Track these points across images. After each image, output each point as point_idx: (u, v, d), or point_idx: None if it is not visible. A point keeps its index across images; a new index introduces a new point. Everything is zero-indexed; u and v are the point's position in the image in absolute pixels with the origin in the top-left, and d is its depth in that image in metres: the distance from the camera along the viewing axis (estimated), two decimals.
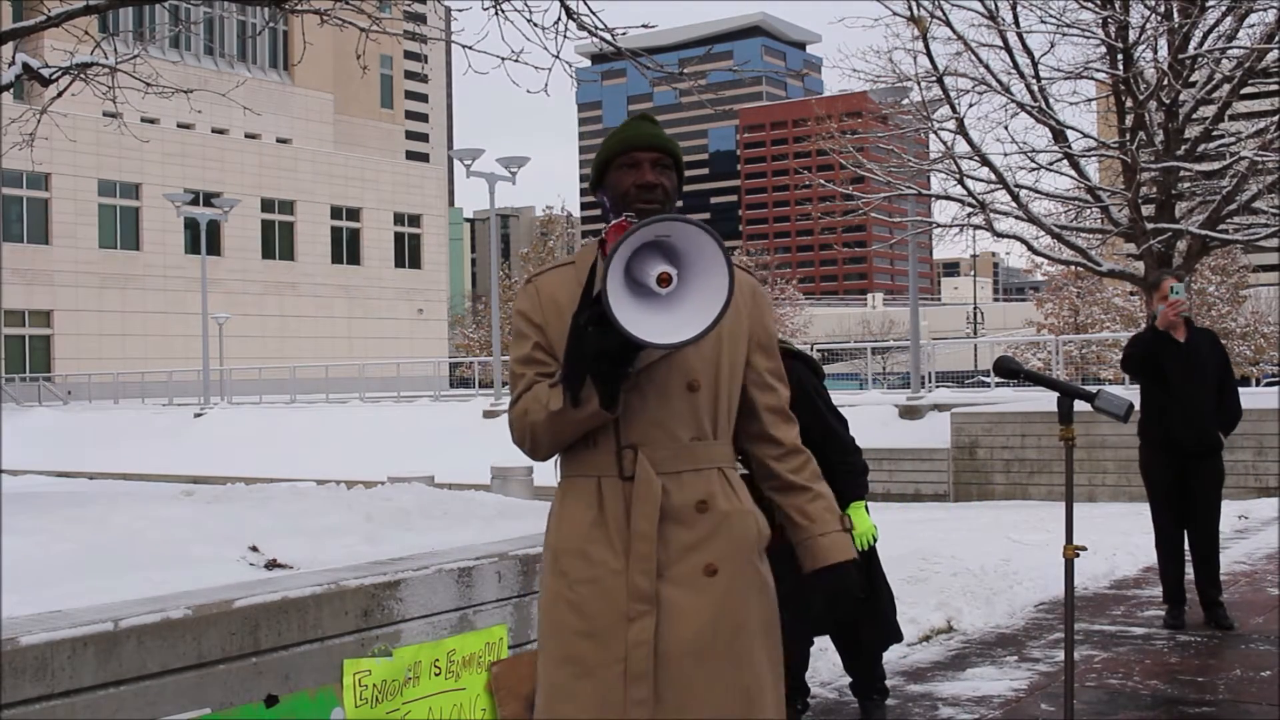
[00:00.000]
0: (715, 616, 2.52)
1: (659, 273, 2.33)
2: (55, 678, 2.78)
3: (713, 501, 2.57)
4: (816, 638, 4.90)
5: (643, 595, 2.49)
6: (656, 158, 2.64)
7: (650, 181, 2.62)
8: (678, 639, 2.49)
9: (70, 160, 46.39)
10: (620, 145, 2.66)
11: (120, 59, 9.68)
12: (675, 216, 2.36)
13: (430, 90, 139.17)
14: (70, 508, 4.59)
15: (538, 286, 2.68)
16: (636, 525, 2.52)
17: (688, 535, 2.54)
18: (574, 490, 2.61)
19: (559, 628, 2.56)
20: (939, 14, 16.59)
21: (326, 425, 31.39)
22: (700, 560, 2.54)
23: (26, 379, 47.05)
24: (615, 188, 2.65)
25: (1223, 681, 5.63)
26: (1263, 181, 16.55)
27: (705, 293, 2.37)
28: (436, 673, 3.67)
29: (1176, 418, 6.67)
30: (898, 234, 21.11)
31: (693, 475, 2.57)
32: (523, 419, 2.58)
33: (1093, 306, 48.63)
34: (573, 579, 2.55)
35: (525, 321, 2.65)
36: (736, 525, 2.60)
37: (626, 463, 2.54)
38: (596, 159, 2.71)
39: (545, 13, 7.57)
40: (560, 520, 2.62)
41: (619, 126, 2.73)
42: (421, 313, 60.41)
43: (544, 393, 2.55)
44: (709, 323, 2.35)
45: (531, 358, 2.63)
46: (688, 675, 2.49)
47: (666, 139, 2.67)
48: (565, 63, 7.91)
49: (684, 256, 2.37)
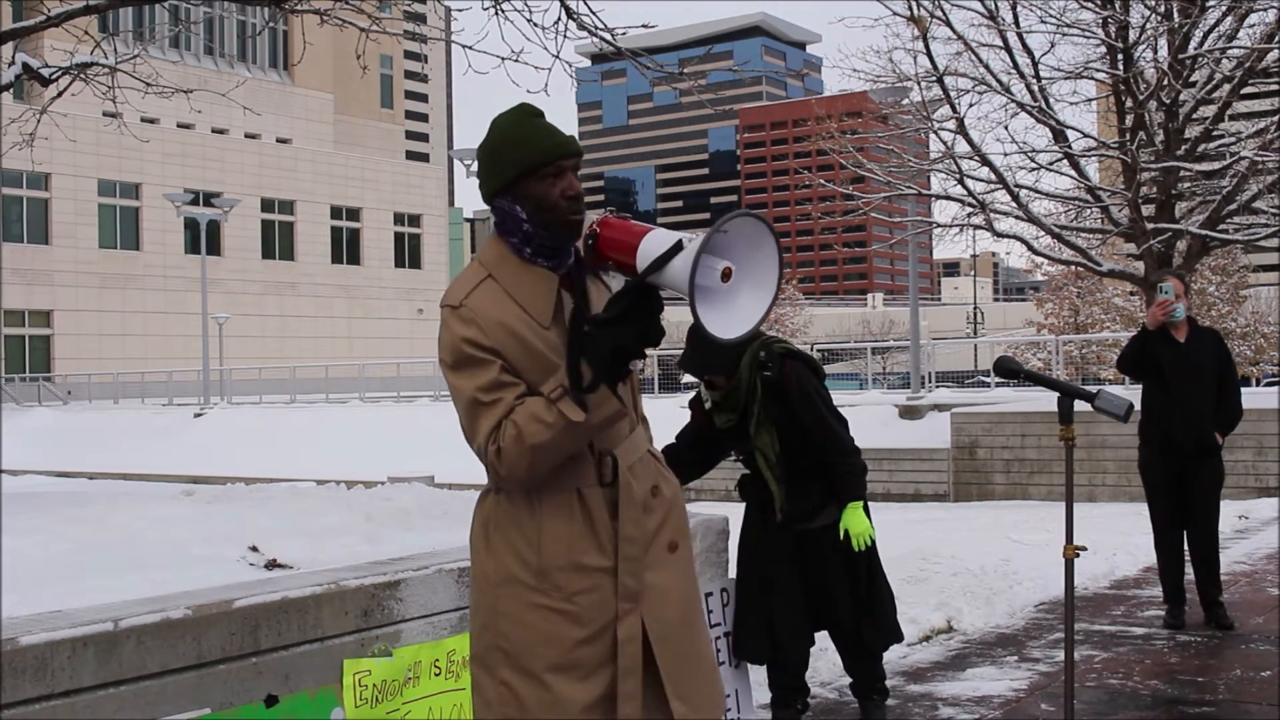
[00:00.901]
0: (685, 586, 2.69)
1: (723, 267, 2.33)
2: (55, 678, 2.78)
3: (661, 482, 2.69)
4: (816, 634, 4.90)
5: (630, 594, 2.57)
6: (576, 163, 2.57)
7: (579, 190, 2.55)
8: (669, 619, 2.61)
9: (70, 160, 46.40)
10: (545, 154, 2.52)
11: (120, 59, 9.69)
12: (745, 213, 2.35)
13: (430, 90, 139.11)
14: (70, 508, 4.59)
15: (473, 309, 2.52)
16: (625, 529, 2.57)
17: (650, 521, 2.63)
18: (550, 505, 2.55)
19: (555, 639, 2.53)
20: (939, 14, 16.59)
21: (326, 425, 31.38)
22: (664, 540, 2.65)
23: (26, 379, 47.05)
24: (539, 199, 2.52)
25: (1223, 681, 5.63)
26: (1263, 181, 16.55)
27: (757, 287, 2.39)
28: (436, 673, 3.67)
29: (1174, 418, 6.66)
30: (898, 234, 21.12)
31: (640, 464, 2.65)
32: (518, 444, 2.43)
33: (1093, 306, 48.62)
34: (569, 592, 2.54)
35: (475, 347, 2.49)
36: (679, 501, 2.75)
37: (606, 469, 2.57)
38: (507, 164, 2.54)
39: (545, 13, 7.60)
40: (543, 538, 2.54)
41: (518, 129, 2.55)
42: (421, 313, 60.41)
43: (540, 410, 2.43)
44: (761, 315, 2.39)
45: (500, 381, 2.48)
46: (683, 646, 2.63)
47: (578, 142, 2.60)
48: (565, 63, 7.93)
49: (735, 250, 2.37)
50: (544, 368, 2.49)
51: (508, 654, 2.56)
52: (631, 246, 2.42)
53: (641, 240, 2.41)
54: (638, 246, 2.41)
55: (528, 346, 2.50)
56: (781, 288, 2.41)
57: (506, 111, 2.64)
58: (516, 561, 2.56)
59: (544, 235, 2.55)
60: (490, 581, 2.59)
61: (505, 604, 2.56)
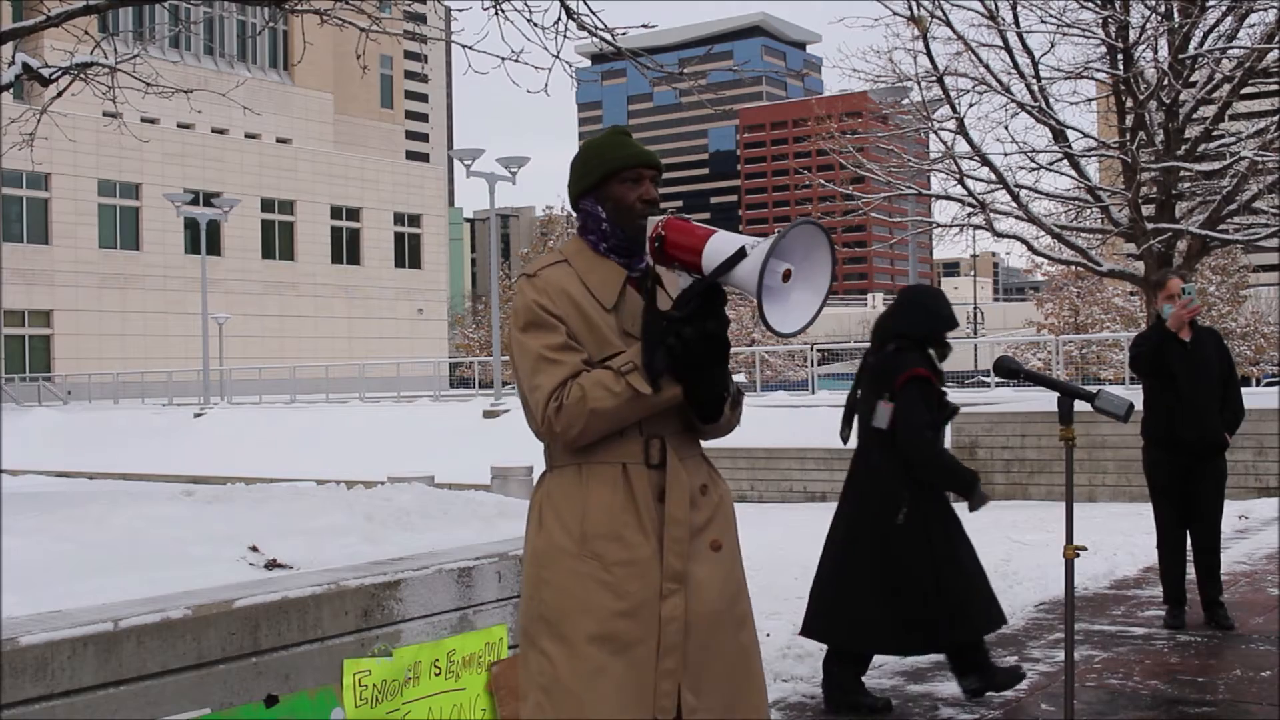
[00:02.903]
0: (724, 585, 2.79)
1: (784, 269, 2.55)
2: (55, 678, 2.78)
3: (711, 484, 2.85)
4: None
5: (675, 575, 2.70)
6: (655, 174, 2.85)
7: (655, 197, 2.82)
8: (701, 611, 2.73)
9: (70, 160, 46.39)
10: (629, 160, 2.81)
11: (120, 59, 9.68)
12: (807, 220, 2.59)
13: (430, 90, 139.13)
14: (70, 508, 4.58)
15: (545, 280, 2.78)
16: (672, 511, 2.73)
17: (698, 516, 2.78)
18: (596, 477, 2.74)
19: (593, 608, 2.67)
20: (939, 14, 16.61)
21: (326, 425, 31.36)
22: (708, 537, 2.79)
23: (26, 379, 47.04)
24: (618, 199, 2.81)
25: (1223, 682, 5.63)
26: (1263, 181, 16.56)
27: (811, 287, 2.61)
28: (436, 673, 3.67)
29: (1183, 417, 6.66)
30: (898, 234, 21.12)
31: (693, 461, 2.83)
32: (580, 404, 2.65)
33: (1093, 306, 48.65)
34: (609, 561, 2.69)
35: (544, 311, 2.73)
36: (728, 505, 2.89)
37: (654, 451, 2.75)
38: (594, 168, 2.83)
39: (545, 13, 7.59)
40: (588, 506, 2.72)
41: (608, 140, 2.87)
42: (421, 313, 60.41)
43: (608, 379, 2.65)
44: (815, 311, 2.59)
45: (568, 345, 2.71)
46: (706, 639, 2.74)
47: (659, 158, 2.89)
48: (565, 63, 7.92)
49: (793, 252, 2.57)
50: (601, 344, 2.73)
51: (549, 622, 2.72)
52: (698, 249, 2.63)
53: (707, 243, 2.62)
54: (703, 249, 2.62)
55: (589, 322, 2.74)
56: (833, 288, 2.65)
57: (600, 132, 3.00)
58: (562, 531, 2.74)
59: (620, 234, 2.81)
60: (537, 554, 2.78)
61: (549, 572, 2.74)
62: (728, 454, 20.72)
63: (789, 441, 21.03)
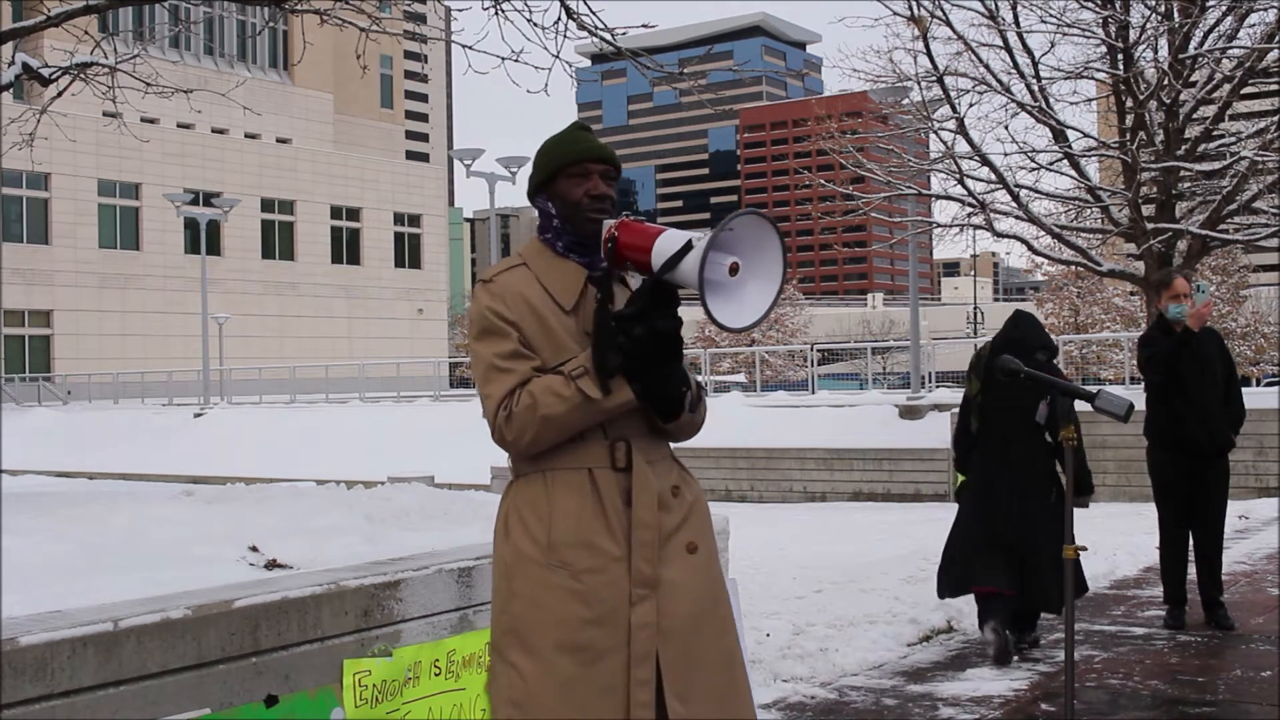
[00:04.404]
0: (703, 588, 2.73)
1: (730, 263, 2.49)
2: (55, 678, 2.78)
3: (684, 486, 2.78)
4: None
5: (645, 580, 2.63)
6: (605, 170, 2.78)
7: (603, 192, 2.75)
8: (678, 615, 2.66)
9: (70, 160, 46.38)
10: (574, 155, 2.76)
11: (120, 59, 9.68)
12: (750, 210, 2.53)
13: (430, 90, 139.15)
14: (70, 508, 4.59)
15: (501, 285, 2.73)
16: (639, 515, 2.65)
17: (669, 519, 2.71)
18: (562, 483, 2.67)
19: (562, 618, 2.61)
20: (939, 14, 16.60)
21: (326, 425, 31.36)
22: (682, 540, 2.72)
23: (26, 379, 47.01)
24: (565, 196, 2.76)
25: (1223, 682, 5.63)
26: (1263, 181, 16.56)
27: (763, 280, 2.55)
28: (436, 673, 3.67)
29: (1191, 418, 6.67)
30: (898, 234, 21.11)
31: (662, 464, 2.76)
32: (529, 411, 2.59)
33: (1093, 306, 48.64)
34: (578, 569, 2.62)
35: (498, 318, 2.69)
36: (703, 506, 2.83)
37: (619, 454, 2.68)
38: (543, 165, 2.79)
39: (545, 13, 7.59)
40: (554, 513, 2.66)
41: (561, 136, 2.83)
42: (421, 313, 60.40)
43: (558, 384, 2.60)
44: (768, 305, 2.53)
45: (519, 352, 2.66)
46: (689, 643, 2.66)
47: (613, 153, 2.83)
48: (565, 63, 7.92)
49: (742, 245, 2.53)
50: (558, 349, 2.67)
51: (519, 634, 2.65)
52: (646, 248, 2.58)
53: (655, 241, 2.57)
54: (652, 247, 2.57)
55: (546, 326, 2.68)
56: (788, 279, 2.57)
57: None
58: (529, 541, 2.67)
59: (571, 231, 2.76)
60: (506, 565, 2.71)
61: (518, 584, 2.67)
62: (728, 454, 20.74)
63: (789, 441, 21.04)
